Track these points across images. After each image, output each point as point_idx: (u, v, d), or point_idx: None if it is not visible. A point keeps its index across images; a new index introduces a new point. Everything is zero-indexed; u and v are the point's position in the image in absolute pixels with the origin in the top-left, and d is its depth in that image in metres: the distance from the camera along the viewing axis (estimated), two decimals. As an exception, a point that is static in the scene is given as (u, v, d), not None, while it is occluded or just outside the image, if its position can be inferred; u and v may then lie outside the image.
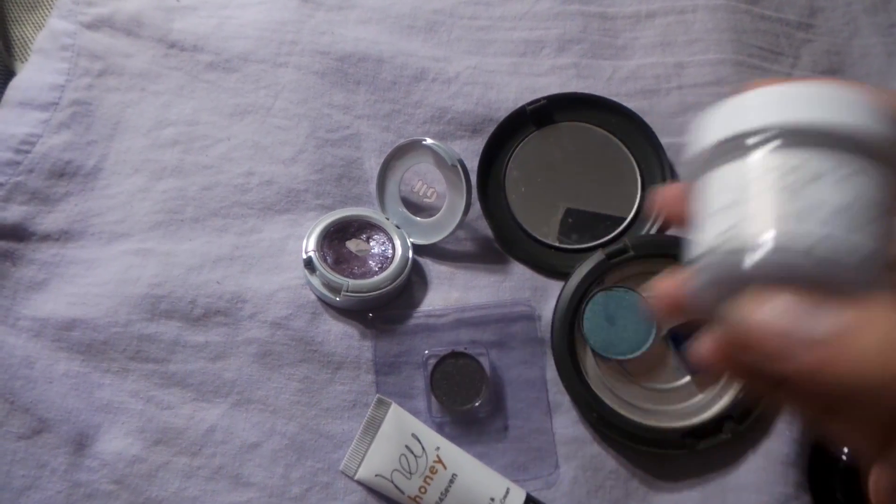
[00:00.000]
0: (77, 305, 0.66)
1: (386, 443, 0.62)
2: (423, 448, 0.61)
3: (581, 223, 0.72)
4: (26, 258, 0.67)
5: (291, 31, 0.80)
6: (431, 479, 0.60)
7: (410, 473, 0.60)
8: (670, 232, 0.70)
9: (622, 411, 0.63)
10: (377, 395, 0.64)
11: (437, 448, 0.61)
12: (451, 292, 0.69)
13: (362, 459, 0.62)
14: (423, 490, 0.60)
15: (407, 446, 0.61)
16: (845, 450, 0.61)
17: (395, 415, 0.63)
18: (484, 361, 0.65)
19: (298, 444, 0.63)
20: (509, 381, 0.66)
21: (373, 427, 0.63)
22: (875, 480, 0.31)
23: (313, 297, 0.68)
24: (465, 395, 0.64)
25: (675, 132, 0.76)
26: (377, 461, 0.61)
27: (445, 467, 0.60)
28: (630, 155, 0.74)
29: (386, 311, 0.68)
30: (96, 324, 0.65)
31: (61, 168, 0.71)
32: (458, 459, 0.61)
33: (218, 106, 0.76)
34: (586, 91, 0.77)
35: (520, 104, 0.76)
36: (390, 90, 0.78)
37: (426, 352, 0.66)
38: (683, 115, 0.77)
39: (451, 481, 0.60)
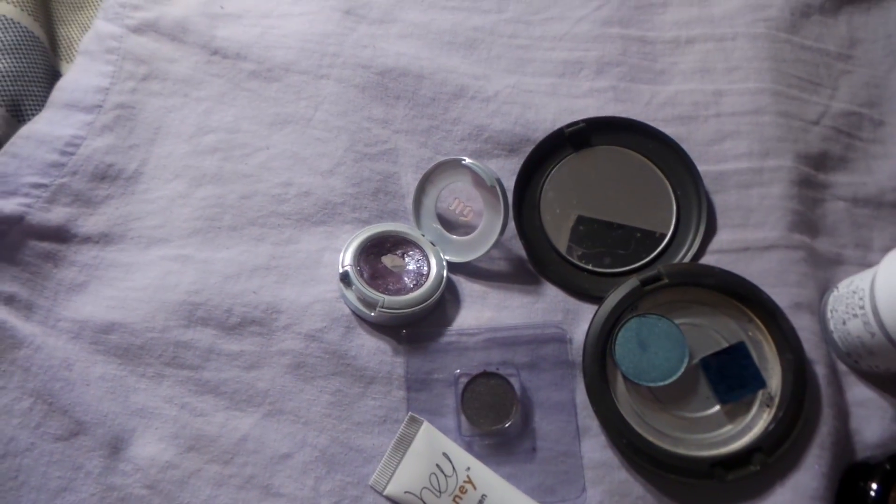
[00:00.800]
0: (115, 309, 0.66)
1: (417, 460, 0.62)
2: (453, 468, 0.62)
3: (622, 247, 0.73)
4: (68, 260, 0.68)
5: (333, 43, 0.81)
6: (461, 498, 0.61)
7: (440, 492, 0.61)
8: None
9: (651, 438, 0.63)
10: (409, 412, 0.64)
11: (468, 468, 0.62)
12: (483, 311, 0.70)
13: (392, 475, 0.62)
14: (451, 509, 0.61)
15: (437, 465, 0.62)
16: (874, 486, 0.61)
17: (427, 433, 0.63)
18: (515, 382, 0.66)
19: (329, 456, 0.63)
20: (539, 402, 0.67)
21: (404, 444, 0.63)
22: None
23: (348, 310, 0.68)
24: (496, 416, 0.65)
25: (712, 160, 0.76)
26: (407, 478, 0.62)
27: (475, 488, 0.61)
28: (666, 181, 0.74)
29: (419, 328, 0.68)
30: (134, 328, 0.66)
31: (103, 171, 0.72)
32: (489, 480, 0.62)
33: (258, 115, 0.77)
34: (624, 115, 0.78)
35: (557, 125, 0.77)
36: (429, 106, 0.79)
37: (457, 370, 0.67)
38: (721, 143, 0.77)
39: (481, 502, 0.60)
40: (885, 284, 0.61)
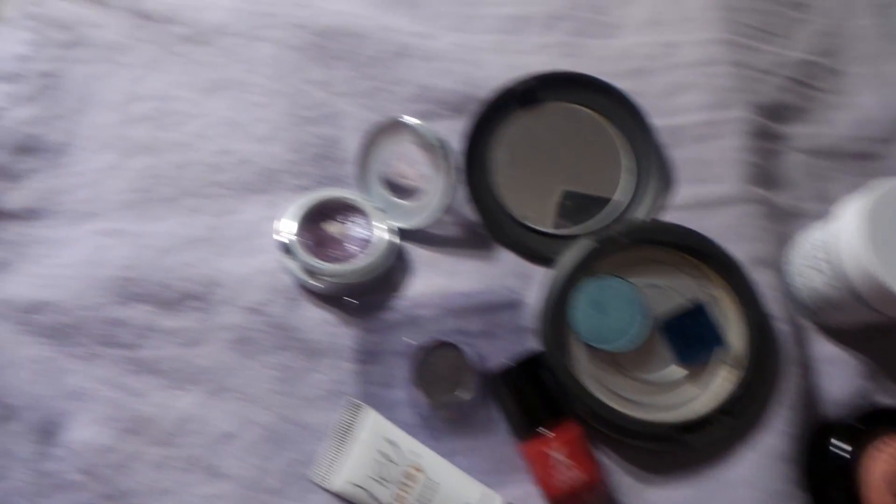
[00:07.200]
0: (44, 287, 0.63)
1: (359, 449, 0.60)
2: (398, 454, 0.59)
3: (573, 207, 0.70)
4: (-11, 237, 0.64)
5: (268, 2, 0.77)
6: (408, 485, 0.58)
7: (386, 480, 0.58)
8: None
9: (612, 404, 0.61)
10: (347, 397, 0.62)
11: (414, 453, 0.59)
12: (434, 278, 0.67)
13: (335, 467, 0.60)
14: (399, 498, 0.58)
15: (381, 451, 0.59)
16: (847, 447, 0.59)
17: (370, 419, 0.61)
18: (469, 351, 0.63)
19: (276, 435, 0.61)
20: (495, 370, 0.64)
21: (345, 432, 0.60)
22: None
23: (291, 281, 0.65)
24: (450, 386, 0.62)
25: (665, 113, 0.74)
26: (350, 469, 0.59)
27: (423, 473, 0.59)
28: (620, 136, 0.72)
29: (367, 298, 0.66)
30: (64, 307, 0.62)
31: (27, 143, 0.68)
32: (436, 465, 0.59)
33: (192, 81, 0.73)
34: (574, 70, 0.75)
35: (505, 83, 0.74)
36: (371, 67, 0.75)
37: (409, 340, 0.64)
38: (675, 95, 0.75)
39: (429, 488, 0.58)
40: (848, 237, 0.59)
